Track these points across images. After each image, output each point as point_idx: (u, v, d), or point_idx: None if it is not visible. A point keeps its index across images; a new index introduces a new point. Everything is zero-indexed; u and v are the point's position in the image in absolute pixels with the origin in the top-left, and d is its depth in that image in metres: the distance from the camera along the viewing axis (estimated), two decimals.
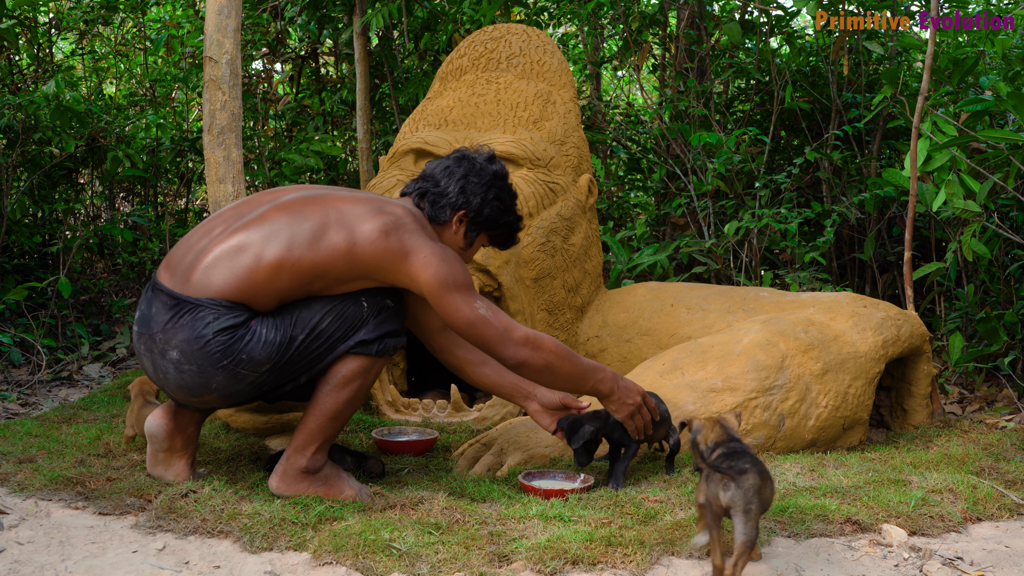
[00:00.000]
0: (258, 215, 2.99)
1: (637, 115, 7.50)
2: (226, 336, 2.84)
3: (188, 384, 2.90)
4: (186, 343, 2.85)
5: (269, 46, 7.52)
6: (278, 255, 2.87)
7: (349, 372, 2.93)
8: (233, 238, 2.94)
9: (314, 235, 2.89)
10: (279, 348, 2.87)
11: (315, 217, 2.93)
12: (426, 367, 4.74)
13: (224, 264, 2.89)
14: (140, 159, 6.17)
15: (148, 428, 3.11)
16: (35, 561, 2.53)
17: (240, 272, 2.87)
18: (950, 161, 4.38)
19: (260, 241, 2.91)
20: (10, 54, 6.63)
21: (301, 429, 2.96)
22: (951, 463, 3.43)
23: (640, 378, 3.63)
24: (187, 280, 2.91)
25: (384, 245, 2.88)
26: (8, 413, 4.44)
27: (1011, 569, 2.60)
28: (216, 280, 2.88)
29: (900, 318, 3.90)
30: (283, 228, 2.92)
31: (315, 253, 2.88)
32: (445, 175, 3.11)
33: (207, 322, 2.84)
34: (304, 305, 2.92)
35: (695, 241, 5.71)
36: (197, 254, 2.96)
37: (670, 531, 2.67)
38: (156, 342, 2.91)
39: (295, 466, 2.95)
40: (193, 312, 2.86)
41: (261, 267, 2.87)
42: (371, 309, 2.94)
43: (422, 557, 2.49)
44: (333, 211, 2.94)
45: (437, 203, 3.09)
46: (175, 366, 2.89)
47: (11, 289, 5.38)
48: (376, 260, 2.89)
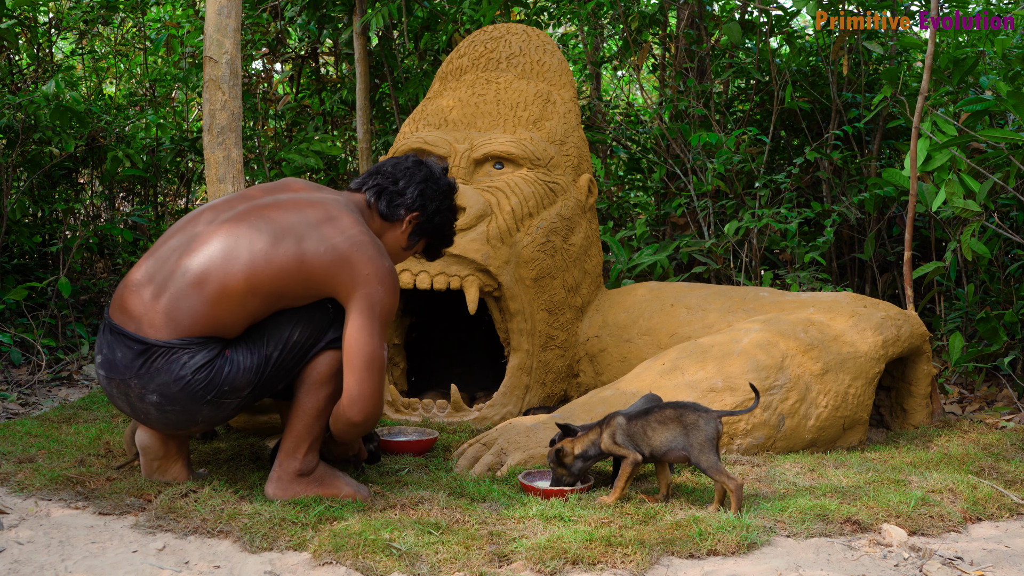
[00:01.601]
0: (205, 235, 2.90)
1: (637, 115, 7.50)
2: (205, 372, 2.81)
3: (173, 421, 2.90)
4: (165, 387, 2.82)
5: (269, 46, 7.52)
6: (244, 280, 2.81)
7: (325, 369, 2.91)
8: (190, 268, 2.84)
9: (271, 253, 2.83)
10: (257, 371, 2.85)
11: (268, 232, 2.86)
12: (426, 367, 4.75)
13: (188, 299, 2.82)
14: (140, 159, 6.17)
15: (140, 441, 3.07)
16: (35, 561, 2.53)
17: (206, 305, 2.81)
18: (950, 161, 4.38)
19: (218, 269, 2.82)
20: (10, 54, 6.63)
21: (289, 433, 2.94)
22: (951, 463, 3.43)
23: (640, 378, 3.63)
24: (152, 322, 2.83)
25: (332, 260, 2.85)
26: (8, 413, 4.44)
27: (1011, 569, 2.60)
28: (183, 318, 2.81)
29: (900, 318, 3.90)
30: (239, 246, 2.84)
31: (275, 272, 2.82)
32: (404, 176, 3.15)
33: (183, 362, 2.80)
34: (273, 322, 2.89)
35: (695, 241, 5.71)
36: (154, 291, 2.86)
37: (670, 531, 2.67)
38: (131, 387, 2.85)
39: (289, 470, 2.94)
40: (166, 355, 2.81)
41: (228, 296, 2.81)
42: (336, 311, 2.93)
43: (422, 557, 2.49)
44: (283, 221, 2.88)
45: (393, 202, 3.12)
46: (156, 408, 2.86)
47: (11, 289, 5.38)
48: (324, 276, 2.86)
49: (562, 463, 3.05)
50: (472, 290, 3.99)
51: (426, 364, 4.74)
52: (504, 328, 4.19)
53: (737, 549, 2.60)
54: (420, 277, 3.98)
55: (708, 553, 2.59)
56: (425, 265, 3.98)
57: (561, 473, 3.06)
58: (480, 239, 3.98)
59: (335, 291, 2.89)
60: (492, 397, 4.17)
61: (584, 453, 3.03)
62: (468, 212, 3.99)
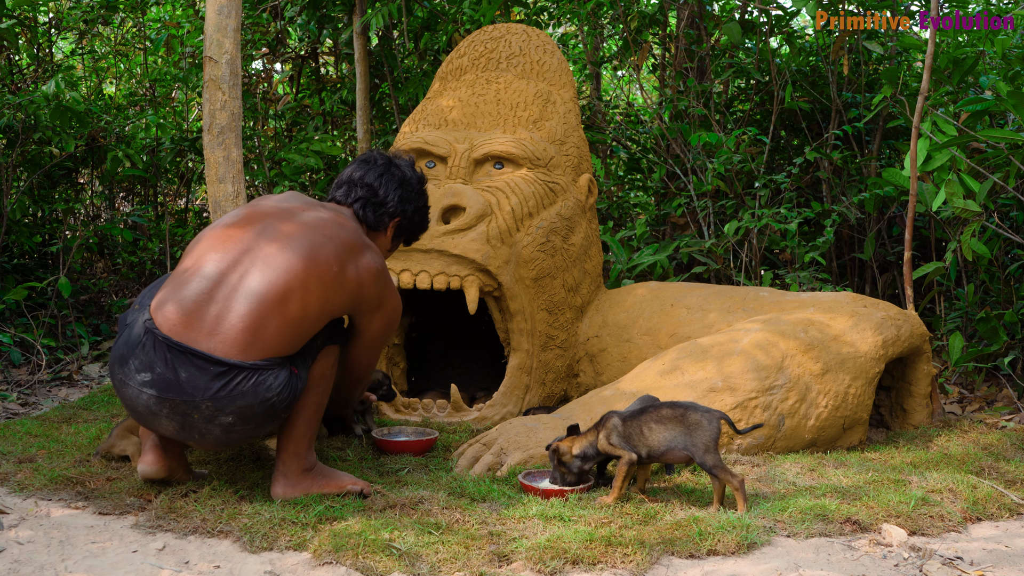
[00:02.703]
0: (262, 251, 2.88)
1: (637, 115, 7.50)
2: (287, 392, 2.79)
3: (234, 440, 2.85)
4: (247, 409, 2.75)
5: (269, 46, 7.52)
6: (321, 304, 2.86)
7: (321, 368, 2.97)
8: (264, 287, 2.80)
9: (340, 278, 2.91)
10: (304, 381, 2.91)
11: (332, 256, 2.91)
12: (426, 367, 4.75)
13: (272, 318, 2.78)
14: (140, 159, 6.17)
15: (143, 473, 2.99)
16: (35, 561, 2.53)
17: (290, 324, 2.81)
18: (950, 161, 4.38)
19: (297, 290, 2.82)
20: (10, 54, 6.63)
21: (289, 432, 2.94)
22: (951, 463, 3.43)
23: (640, 378, 3.63)
24: (231, 342, 2.75)
25: (375, 289, 3.03)
26: (8, 413, 4.44)
27: (1011, 569, 2.60)
28: (269, 337, 2.78)
29: (900, 318, 3.90)
30: (313, 268, 2.86)
31: (343, 295, 2.93)
32: (381, 184, 3.23)
33: (268, 384, 2.75)
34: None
35: (695, 241, 5.71)
36: (221, 309, 2.79)
37: (670, 531, 2.67)
38: (200, 409, 2.73)
39: (294, 468, 2.94)
40: (251, 377, 2.74)
41: (309, 316, 2.85)
42: None
43: (422, 557, 2.49)
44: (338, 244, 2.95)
45: (378, 212, 3.24)
46: (225, 428, 2.77)
47: (11, 289, 5.38)
48: (366, 300, 3.02)
49: (561, 462, 3.05)
50: (472, 290, 3.99)
51: (426, 364, 4.74)
52: (504, 328, 4.19)
53: (737, 549, 2.60)
54: (420, 277, 3.98)
55: (708, 553, 2.59)
56: (425, 265, 3.98)
57: (562, 472, 3.06)
58: (480, 239, 3.98)
59: (362, 312, 3.06)
60: (492, 397, 4.17)
61: (583, 453, 3.03)
62: (468, 212, 3.99)
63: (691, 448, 2.89)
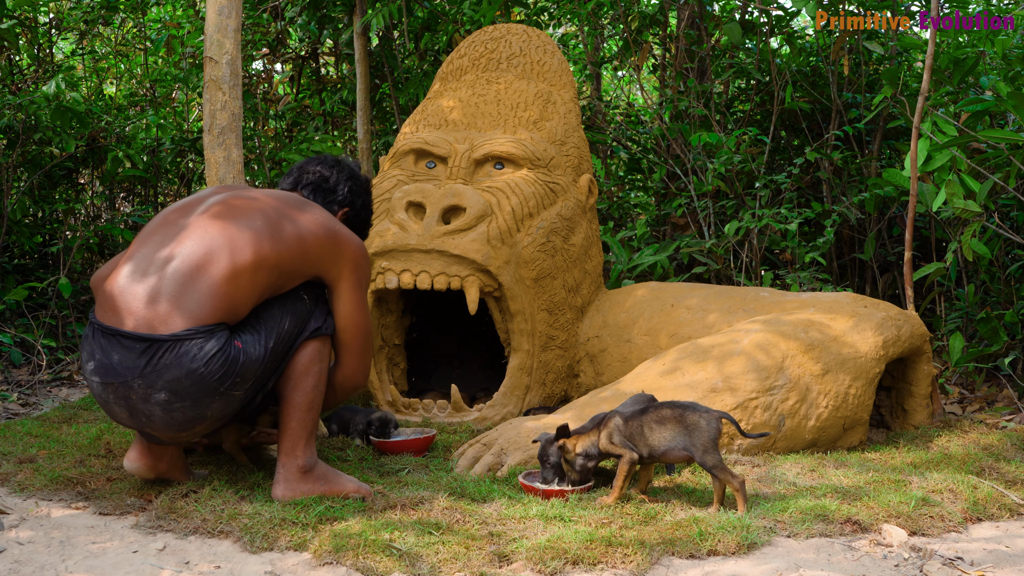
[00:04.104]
0: (190, 229, 2.89)
1: (637, 115, 7.50)
2: (219, 361, 2.74)
3: (179, 420, 2.80)
4: (175, 382, 2.73)
5: (269, 46, 7.52)
6: (253, 255, 2.83)
7: (306, 360, 2.94)
8: (189, 255, 2.82)
9: (270, 229, 2.90)
10: (261, 361, 2.84)
11: (259, 217, 2.92)
12: (426, 367, 4.75)
13: (194, 284, 2.78)
14: (140, 159, 6.17)
15: (128, 469, 3.01)
16: (35, 561, 2.53)
17: (216, 286, 2.78)
18: (950, 161, 4.38)
19: (221, 248, 2.82)
20: (10, 54, 6.63)
21: (284, 432, 2.93)
22: (951, 463, 3.43)
23: (641, 378, 3.63)
24: (152, 316, 2.76)
25: (324, 236, 2.99)
26: (8, 413, 4.44)
27: (1011, 569, 2.60)
28: (191, 305, 2.76)
29: (900, 318, 3.90)
30: (238, 230, 2.86)
31: (278, 247, 2.89)
32: (332, 173, 3.30)
33: (192, 354, 2.72)
34: (266, 313, 2.90)
35: (695, 241, 5.71)
36: (149, 287, 2.80)
37: (670, 531, 2.67)
38: (133, 389, 2.75)
39: (293, 469, 2.93)
40: (173, 349, 2.73)
41: (240, 272, 2.80)
42: (312, 301, 3.01)
43: (422, 557, 2.49)
44: (271, 211, 2.96)
45: (328, 198, 3.27)
46: (163, 407, 2.76)
47: (11, 289, 5.38)
48: (318, 252, 2.98)
49: (566, 459, 3.04)
50: (472, 290, 3.99)
51: (426, 364, 4.74)
52: (504, 328, 4.19)
53: (737, 549, 2.60)
54: (420, 277, 3.98)
55: (708, 553, 2.59)
56: (425, 265, 3.98)
57: (566, 470, 3.04)
58: (480, 239, 3.98)
59: (325, 268, 3.00)
60: (492, 397, 4.17)
61: (586, 452, 3.03)
62: (468, 212, 4.00)
63: (690, 448, 2.89)
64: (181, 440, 2.95)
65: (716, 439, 2.89)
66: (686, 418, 2.91)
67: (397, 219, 4.04)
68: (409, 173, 4.34)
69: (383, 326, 4.29)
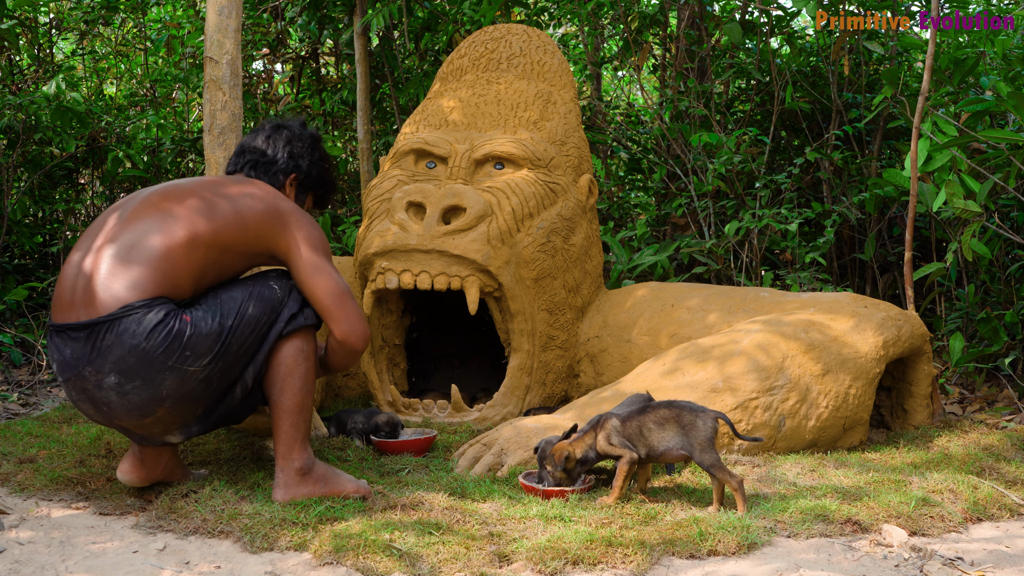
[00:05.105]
0: (125, 220, 2.91)
1: (637, 115, 7.50)
2: (160, 334, 2.73)
3: (136, 403, 2.77)
4: (120, 361, 2.72)
5: (270, 46, 7.52)
6: (186, 232, 2.85)
7: (290, 361, 2.92)
8: (119, 243, 2.84)
9: (206, 209, 2.90)
10: (217, 338, 2.80)
11: (193, 199, 2.93)
12: (426, 367, 4.75)
13: (125, 264, 2.80)
14: (141, 159, 6.17)
15: (121, 480, 3.02)
16: (36, 561, 2.53)
17: (147, 263, 2.79)
18: (950, 161, 4.38)
19: (156, 231, 2.84)
20: (11, 54, 6.63)
21: (277, 436, 2.92)
22: (951, 463, 3.43)
23: (641, 379, 3.63)
24: (89, 303, 2.78)
25: (262, 209, 2.96)
26: (9, 413, 4.44)
27: (1011, 569, 2.60)
28: (122, 284, 2.78)
29: (900, 318, 3.90)
30: (169, 213, 2.88)
31: (213, 223, 2.88)
32: (268, 144, 3.24)
33: (132, 330, 2.72)
34: (226, 292, 2.90)
35: (695, 241, 5.71)
36: (83, 280, 2.83)
37: (670, 531, 2.67)
38: (87, 378, 2.76)
39: (290, 472, 2.91)
40: (112, 328, 2.73)
41: (172, 248, 2.82)
42: (283, 290, 2.97)
43: (423, 557, 2.49)
44: (205, 192, 2.97)
45: (270, 171, 3.21)
46: (116, 391, 2.75)
47: (12, 289, 5.38)
48: (259, 226, 2.94)
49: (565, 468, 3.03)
50: (473, 290, 3.99)
51: (426, 364, 4.74)
52: (505, 328, 4.19)
53: (738, 549, 2.61)
54: (421, 277, 3.98)
55: (709, 553, 2.59)
56: (426, 265, 3.98)
57: (560, 476, 3.05)
58: (481, 239, 3.98)
59: (273, 241, 2.96)
60: (492, 397, 4.17)
61: (584, 457, 3.03)
62: (468, 212, 4.00)
63: (688, 448, 2.90)
64: (147, 430, 2.87)
65: (713, 439, 2.89)
66: (683, 418, 2.92)
67: (397, 219, 4.04)
68: (409, 173, 4.35)
69: (383, 326, 4.29)
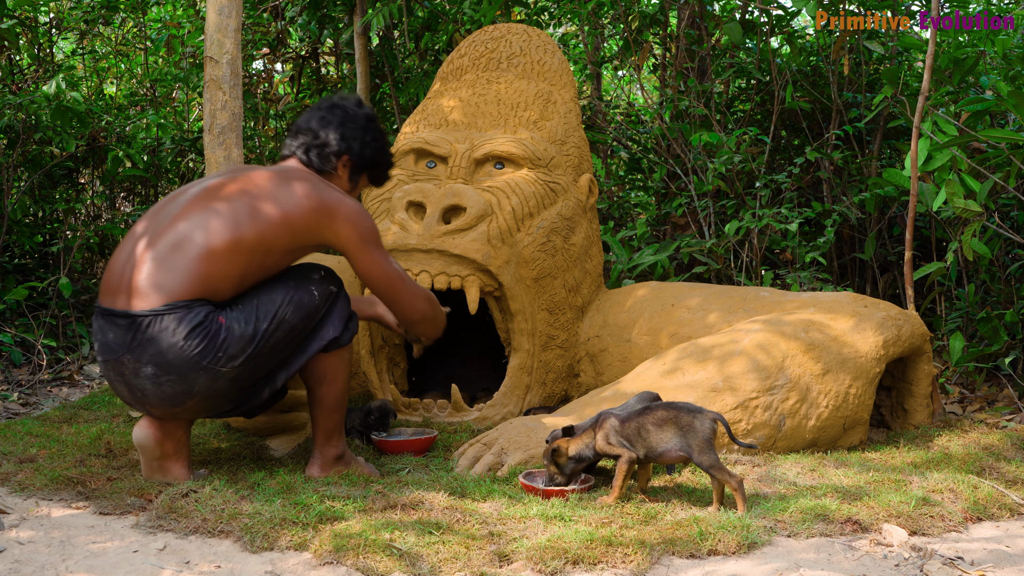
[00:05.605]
0: (178, 213, 3.02)
1: (637, 115, 7.50)
2: (198, 337, 2.86)
3: (169, 395, 2.92)
4: (158, 356, 2.87)
5: (270, 46, 7.52)
6: (229, 236, 2.93)
7: (333, 367, 3.15)
8: (168, 238, 2.96)
9: (250, 212, 2.98)
10: (251, 340, 2.93)
11: (240, 197, 3.01)
12: (426, 367, 4.75)
13: (171, 262, 2.91)
14: (141, 159, 6.17)
15: (136, 439, 3.09)
16: (36, 561, 2.53)
17: (190, 264, 2.90)
18: (950, 161, 4.38)
19: (200, 230, 2.94)
20: (11, 54, 6.63)
21: (318, 427, 3.20)
22: (952, 463, 3.43)
23: (641, 378, 3.63)
24: (135, 294, 2.91)
25: (310, 207, 3.03)
26: (9, 413, 4.44)
27: (1012, 569, 2.60)
28: (167, 281, 2.89)
29: (901, 318, 3.90)
30: (216, 213, 2.97)
31: (259, 226, 2.97)
32: (322, 125, 3.29)
33: (172, 329, 2.85)
34: (265, 294, 3.00)
35: (696, 241, 5.71)
36: (131, 268, 2.96)
37: (671, 531, 2.67)
38: (124, 364, 2.91)
39: (328, 456, 3.21)
40: (154, 324, 2.86)
41: (216, 253, 2.91)
42: (322, 297, 3.08)
43: (423, 557, 2.49)
44: (252, 188, 3.04)
45: (322, 153, 3.27)
46: (152, 380, 2.90)
47: (12, 289, 5.38)
48: (308, 224, 3.04)
49: (555, 462, 3.04)
50: (473, 290, 3.99)
51: (426, 364, 4.74)
52: (505, 328, 4.19)
53: (738, 549, 2.61)
54: (421, 277, 3.98)
55: (709, 553, 2.59)
56: (426, 265, 3.98)
57: (553, 471, 3.05)
58: (481, 239, 3.98)
59: (321, 234, 3.06)
60: (492, 397, 4.17)
61: (579, 455, 3.03)
62: (469, 212, 4.00)
63: (687, 449, 2.90)
64: (175, 416, 3.03)
65: (711, 439, 2.89)
66: (681, 419, 2.92)
67: (397, 219, 4.04)
68: (409, 173, 4.35)
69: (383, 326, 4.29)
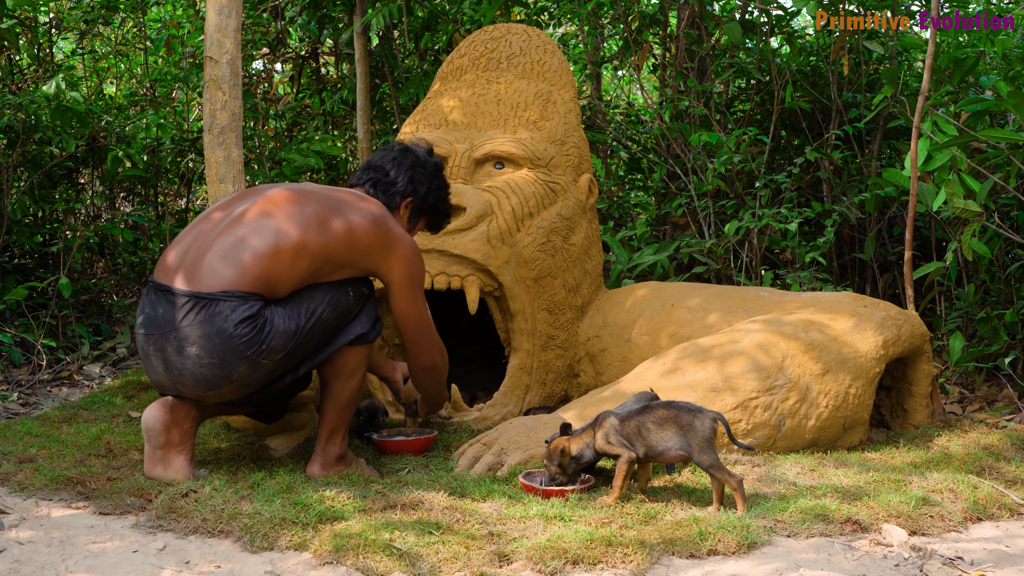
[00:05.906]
0: (249, 208, 3.11)
1: (637, 115, 7.50)
2: (247, 327, 2.94)
3: (207, 377, 2.99)
4: (206, 338, 2.94)
5: (269, 46, 7.52)
6: (298, 238, 3.03)
7: (353, 363, 3.19)
8: (235, 230, 3.05)
9: (320, 220, 3.08)
10: (292, 336, 3.02)
11: (313, 204, 3.11)
12: None
13: (235, 252, 3.00)
14: (140, 159, 6.17)
15: (144, 421, 3.12)
16: (36, 561, 2.53)
17: (255, 258, 2.99)
18: (950, 161, 4.38)
19: (270, 229, 3.03)
20: (10, 54, 6.63)
21: (325, 422, 3.23)
22: (951, 463, 3.43)
23: (641, 378, 3.63)
24: (195, 276, 2.99)
25: (375, 232, 3.15)
26: (8, 413, 4.44)
27: (1012, 569, 2.60)
28: (228, 269, 2.98)
29: (900, 318, 3.90)
30: (289, 215, 3.07)
31: (325, 236, 3.06)
32: (394, 166, 3.44)
33: (225, 315, 2.94)
34: (308, 295, 3.09)
35: (695, 241, 5.71)
36: (199, 250, 3.05)
37: (670, 531, 2.67)
38: (169, 340, 2.98)
39: (331, 454, 3.24)
40: (208, 307, 2.95)
41: (283, 252, 3.01)
42: (356, 298, 3.18)
43: (423, 557, 2.49)
44: (325, 204, 3.14)
45: (388, 191, 3.41)
46: (194, 361, 2.96)
47: (11, 289, 5.37)
48: (367, 246, 3.14)
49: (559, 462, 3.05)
50: (473, 290, 3.99)
51: None
52: (505, 328, 4.19)
53: (738, 549, 2.61)
54: None
55: (708, 553, 2.59)
56: (426, 265, 3.98)
57: (555, 471, 3.05)
58: (480, 239, 3.98)
59: (375, 262, 3.18)
60: (492, 397, 4.17)
61: (580, 455, 3.03)
62: (468, 212, 4.00)
63: (687, 449, 2.90)
64: (206, 399, 3.09)
65: (711, 439, 2.89)
66: (681, 419, 2.92)
67: None
68: None
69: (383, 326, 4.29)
